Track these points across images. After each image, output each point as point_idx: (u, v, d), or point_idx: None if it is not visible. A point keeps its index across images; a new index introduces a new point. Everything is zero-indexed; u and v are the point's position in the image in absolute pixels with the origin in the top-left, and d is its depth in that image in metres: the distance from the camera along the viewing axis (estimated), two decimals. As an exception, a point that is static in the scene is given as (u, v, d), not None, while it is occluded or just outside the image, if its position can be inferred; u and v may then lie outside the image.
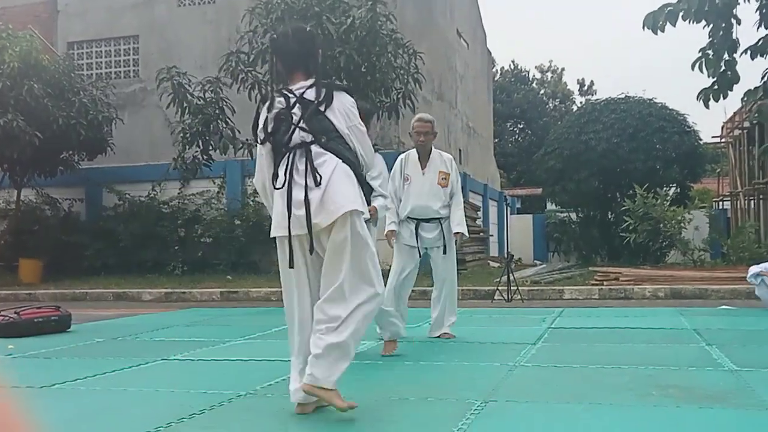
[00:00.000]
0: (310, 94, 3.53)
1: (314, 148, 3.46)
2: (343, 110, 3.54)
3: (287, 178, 3.45)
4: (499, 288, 10.23)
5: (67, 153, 15.84)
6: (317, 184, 3.37)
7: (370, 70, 12.46)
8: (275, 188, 3.53)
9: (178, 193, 16.41)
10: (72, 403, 3.90)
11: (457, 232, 5.89)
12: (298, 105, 3.52)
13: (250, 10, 12.64)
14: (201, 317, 8.51)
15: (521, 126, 41.27)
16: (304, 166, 3.43)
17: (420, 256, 5.94)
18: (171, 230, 15.75)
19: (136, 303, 11.67)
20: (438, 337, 6.01)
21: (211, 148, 13.21)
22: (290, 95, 3.55)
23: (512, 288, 10.12)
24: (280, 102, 3.57)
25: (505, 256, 12.43)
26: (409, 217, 5.90)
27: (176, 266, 15.40)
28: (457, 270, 6.19)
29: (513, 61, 44.58)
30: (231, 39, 15.08)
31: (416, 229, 5.89)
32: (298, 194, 3.42)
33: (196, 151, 13.31)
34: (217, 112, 13.08)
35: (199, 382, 4.38)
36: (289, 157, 3.48)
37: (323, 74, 4.07)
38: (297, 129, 3.49)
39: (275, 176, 3.53)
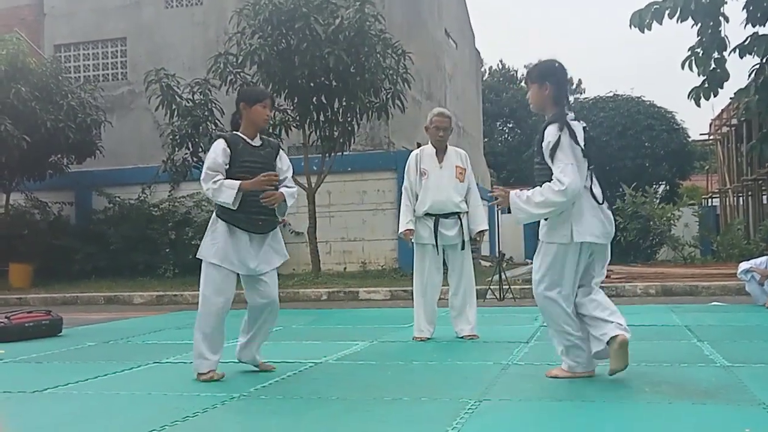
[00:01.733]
0: None
1: None
2: None
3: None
4: (491, 287, 10.25)
5: (55, 156, 15.78)
6: None
7: (359, 70, 12.48)
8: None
9: (168, 196, 16.34)
10: (64, 408, 3.88)
11: (482, 230, 5.88)
12: None
13: (237, 12, 12.63)
14: (193, 320, 8.40)
15: (510, 125, 41.38)
16: None
17: (439, 254, 5.87)
18: (161, 233, 15.70)
19: (127, 306, 11.63)
20: (462, 337, 5.89)
21: (200, 150, 13.19)
22: None
23: (504, 287, 10.15)
24: None
25: (497, 255, 12.45)
26: (427, 214, 5.80)
27: (167, 269, 15.35)
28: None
29: (501, 61, 44.69)
30: (219, 40, 15.06)
31: (435, 225, 5.80)
32: None
33: (186, 154, 13.29)
34: (206, 113, 13.07)
35: (192, 385, 4.37)
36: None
37: None
38: None
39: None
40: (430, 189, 5.80)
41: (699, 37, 11.09)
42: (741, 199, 22.50)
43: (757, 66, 11.63)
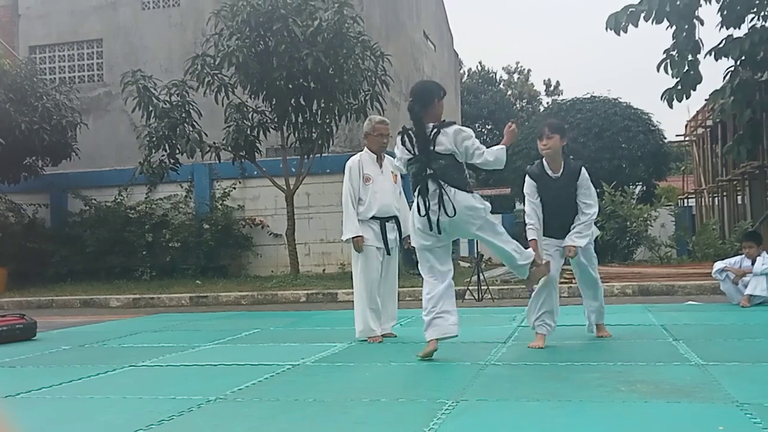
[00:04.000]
0: None
1: None
2: None
3: None
4: (470, 288, 10.28)
5: (30, 159, 15.59)
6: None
7: (337, 72, 12.47)
8: None
9: (145, 198, 16.22)
10: (38, 413, 3.83)
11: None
12: None
13: (215, 13, 12.57)
14: (170, 323, 8.42)
15: (489, 127, 41.50)
16: None
17: (382, 255, 5.98)
18: (138, 235, 15.58)
19: (103, 310, 11.52)
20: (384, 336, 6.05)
21: (177, 151, 13.11)
22: None
23: (482, 287, 10.18)
24: None
25: (475, 256, 12.47)
26: (373, 217, 5.94)
27: (144, 272, 15.24)
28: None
29: (480, 63, 44.85)
30: (196, 42, 14.99)
31: (383, 229, 5.95)
32: None
33: (163, 155, 13.20)
34: (183, 115, 12.98)
35: (168, 388, 4.33)
36: None
37: None
38: None
39: None
40: (377, 193, 5.96)
41: (674, 40, 11.21)
42: (716, 199, 22.73)
43: (732, 68, 11.79)
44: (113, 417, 3.64)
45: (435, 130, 4.79)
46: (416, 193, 4.84)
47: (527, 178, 5.40)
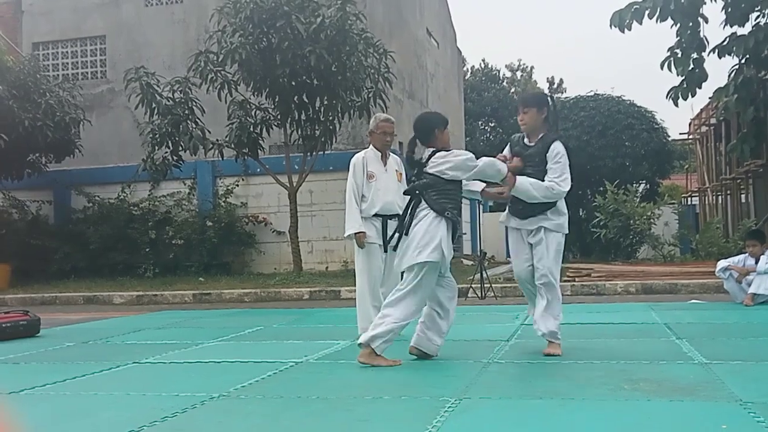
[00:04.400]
0: None
1: None
2: None
3: None
4: (473, 286, 10.28)
5: (33, 155, 15.61)
6: None
7: (340, 69, 12.46)
8: None
9: (149, 195, 16.25)
10: (41, 409, 3.84)
11: None
12: None
13: (218, 10, 12.57)
14: (173, 320, 8.43)
15: (492, 124, 41.43)
16: None
17: (383, 253, 5.97)
18: (141, 232, 15.60)
19: (107, 306, 11.54)
20: None
21: (180, 148, 13.11)
22: None
23: (485, 285, 10.18)
24: None
25: (478, 254, 12.48)
26: (376, 215, 5.93)
27: (147, 269, 15.26)
28: None
29: (484, 60, 44.77)
30: (200, 39, 14.99)
31: (384, 226, 5.93)
32: None
33: (166, 152, 13.20)
34: (186, 112, 12.98)
35: (172, 385, 4.34)
36: None
37: None
38: None
39: None
40: (380, 191, 5.94)
41: (678, 38, 11.20)
42: (720, 198, 22.71)
43: (736, 66, 11.77)
44: (117, 413, 3.65)
45: (432, 152, 4.82)
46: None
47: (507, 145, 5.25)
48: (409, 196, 4.89)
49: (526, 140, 5.06)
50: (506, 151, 5.16)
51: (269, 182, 14.58)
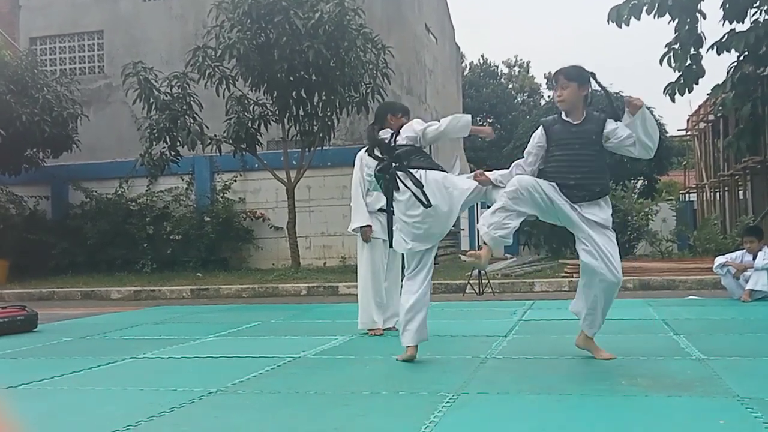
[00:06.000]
0: None
1: None
2: None
3: None
4: (471, 282, 10.28)
5: (31, 150, 15.58)
6: None
7: (338, 64, 12.44)
8: None
9: (146, 190, 16.22)
10: (39, 404, 3.84)
11: None
12: None
13: (216, 5, 12.53)
14: (171, 315, 8.43)
15: (491, 120, 41.46)
16: None
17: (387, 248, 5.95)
18: (139, 228, 15.59)
19: (104, 302, 11.53)
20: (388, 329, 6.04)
21: (178, 144, 13.10)
22: None
23: (483, 281, 10.18)
24: None
25: (476, 250, 12.50)
26: (381, 209, 5.89)
27: (145, 264, 15.25)
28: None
29: (482, 56, 44.81)
30: (197, 34, 14.94)
31: (389, 221, 5.88)
32: None
33: (164, 148, 13.19)
34: (184, 107, 12.96)
35: (169, 380, 4.34)
36: None
37: None
38: None
39: None
40: None
41: (676, 33, 11.19)
42: (718, 194, 22.74)
43: (735, 63, 11.76)
44: (114, 408, 3.64)
45: (393, 134, 4.95)
46: (386, 194, 4.87)
47: (539, 129, 4.57)
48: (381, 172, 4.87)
49: (566, 117, 4.49)
50: (539, 136, 4.52)
51: (267, 178, 14.57)
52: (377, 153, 4.95)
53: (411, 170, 4.68)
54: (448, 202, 4.64)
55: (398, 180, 4.69)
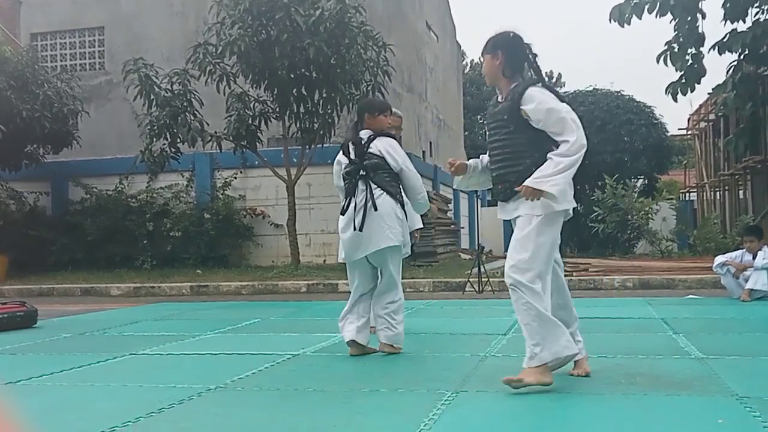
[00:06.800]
0: None
1: None
2: None
3: None
4: (471, 280, 10.27)
5: (31, 146, 15.57)
6: None
7: (339, 62, 12.43)
8: None
9: (146, 187, 16.22)
10: (38, 400, 3.84)
11: (418, 228, 5.95)
12: None
13: (217, 2, 12.52)
14: (170, 312, 8.43)
15: (491, 119, 41.40)
16: None
17: None
18: (139, 224, 15.59)
19: (104, 298, 11.53)
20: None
21: (179, 140, 13.09)
22: None
23: (483, 279, 10.17)
24: None
25: (476, 248, 12.48)
26: None
27: (145, 260, 15.25)
28: (429, 262, 6.20)
29: (483, 54, 44.69)
30: (198, 30, 14.92)
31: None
32: None
33: (164, 144, 13.18)
34: (185, 104, 12.95)
35: (169, 377, 4.34)
36: None
37: None
38: None
39: None
40: None
41: (676, 32, 11.19)
42: (718, 193, 22.71)
43: (735, 62, 11.77)
44: (113, 405, 3.65)
45: (371, 136, 4.91)
46: (346, 197, 4.89)
47: None
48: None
49: (498, 97, 3.94)
50: None
51: (267, 175, 14.56)
52: (351, 153, 4.93)
53: (372, 185, 4.78)
54: (376, 238, 4.78)
55: (356, 190, 4.83)
